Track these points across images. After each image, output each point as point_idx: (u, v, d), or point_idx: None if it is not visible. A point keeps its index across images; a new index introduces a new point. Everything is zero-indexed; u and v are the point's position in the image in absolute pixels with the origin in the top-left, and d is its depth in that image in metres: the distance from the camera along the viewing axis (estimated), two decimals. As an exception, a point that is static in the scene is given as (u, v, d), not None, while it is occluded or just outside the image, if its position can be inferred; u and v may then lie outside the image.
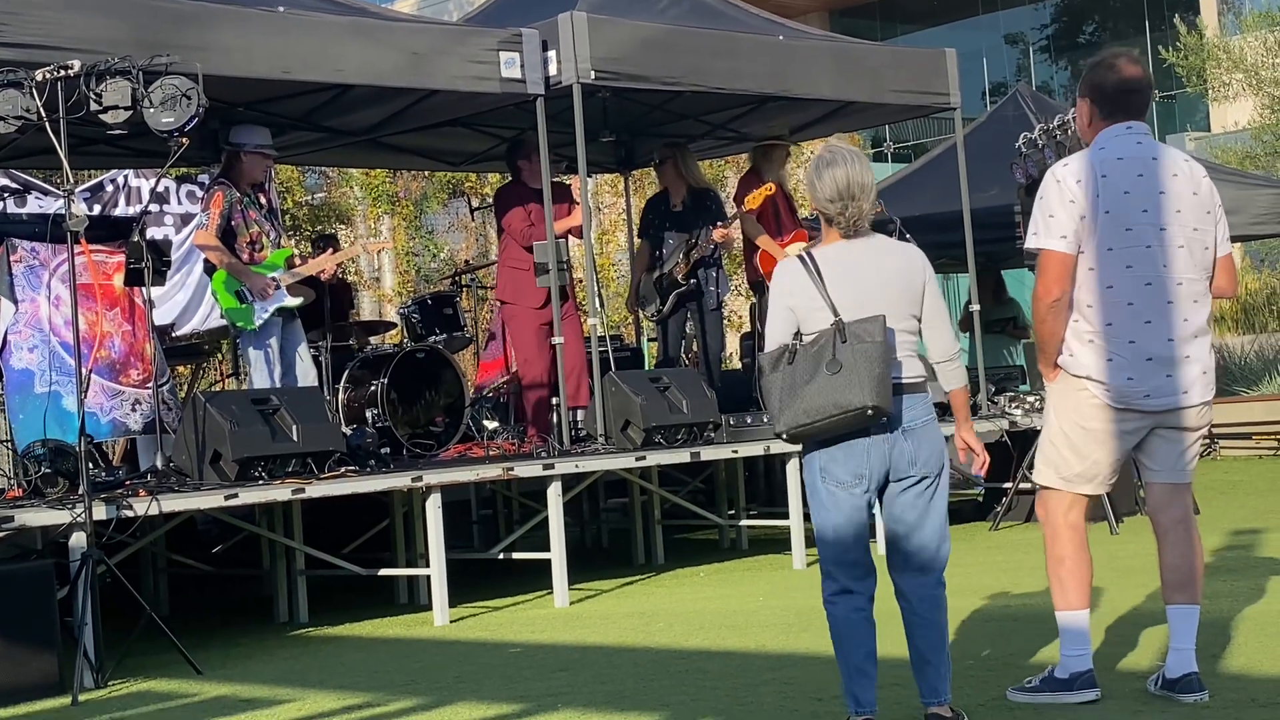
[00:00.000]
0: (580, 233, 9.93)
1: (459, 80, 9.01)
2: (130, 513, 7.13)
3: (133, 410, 8.86)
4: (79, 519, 6.81)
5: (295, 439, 7.91)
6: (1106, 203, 5.07)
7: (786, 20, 11.56)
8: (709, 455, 9.54)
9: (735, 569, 9.74)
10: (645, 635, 7.28)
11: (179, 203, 14.29)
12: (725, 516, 10.76)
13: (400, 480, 8.20)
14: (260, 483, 7.73)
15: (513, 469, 8.59)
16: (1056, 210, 5.09)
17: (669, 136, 11.76)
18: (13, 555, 7.08)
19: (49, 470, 7.47)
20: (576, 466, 8.83)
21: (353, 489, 8.01)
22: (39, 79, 6.92)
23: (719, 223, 10.66)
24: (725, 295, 11.24)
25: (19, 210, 12.25)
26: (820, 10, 33.24)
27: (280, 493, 7.70)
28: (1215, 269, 5.21)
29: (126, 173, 13.73)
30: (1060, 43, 33.84)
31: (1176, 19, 24.35)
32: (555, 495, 8.54)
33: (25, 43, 7.37)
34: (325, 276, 9.54)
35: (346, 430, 9.01)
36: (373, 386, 9.82)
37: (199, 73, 7.18)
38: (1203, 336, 5.17)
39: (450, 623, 8.01)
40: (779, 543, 10.31)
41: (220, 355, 13.02)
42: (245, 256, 8.91)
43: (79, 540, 6.83)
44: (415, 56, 8.79)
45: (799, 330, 4.74)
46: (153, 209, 13.67)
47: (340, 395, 9.84)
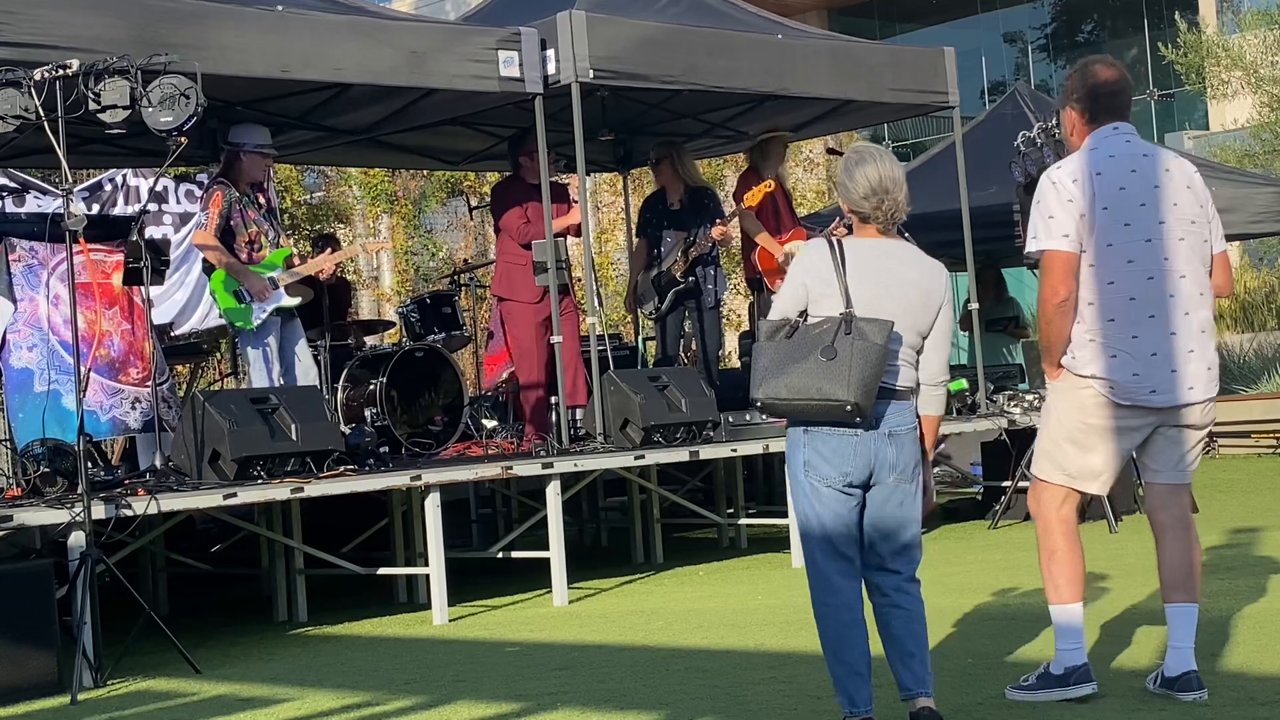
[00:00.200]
0: (577, 231, 9.93)
1: (457, 79, 9.01)
2: (129, 512, 7.13)
3: (132, 409, 8.86)
4: (78, 518, 6.81)
5: (294, 438, 7.91)
6: (1104, 199, 5.08)
7: (785, 19, 11.56)
8: (708, 454, 9.54)
9: (734, 568, 9.74)
10: (644, 634, 7.28)
11: (177, 202, 14.29)
12: (724, 515, 10.76)
13: (399, 479, 8.20)
14: (259, 482, 7.73)
15: (511, 468, 8.60)
16: (1055, 211, 5.09)
17: (667, 135, 11.76)
18: (12, 554, 7.09)
19: (48, 469, 7.47)
20: (575, 465, 8.83)
21: (351, 488, 8.01)
22: (37, 78, 6.92)
23: (717, 220, 10.66)
24: (723, 294, 11.23)
25: (17, 209, 12.24)
26: (819, 9, 33.23)
27: (279, 492, 7.70)
28: (1212, 265, 5.21)
29: (125, 172, 13.73)
30: (1059, 41, 33.82)
31: (1176, 17, 24.34)
32: (554, 494, 8.54)
33: (23, 42, 7.37)
34: (324, 276, 9.54)
35: (345, 429, 9.00)
36: (371, 386, 9.82)
37: (197, 72, 7.18)
38: (1207, 331, 5.16)
39: (449, 622, 8.01)
40: (778, 541, 10.32)
41: (219, 354, 13.03)
42: (244, 256, 8.91)
43: (78, 539, 6.83)
44: (414, 55, 8.79)
45: (806, 310, 4.74)
46: (151, 208, 13.68)
47: (339, 394, 9.83)
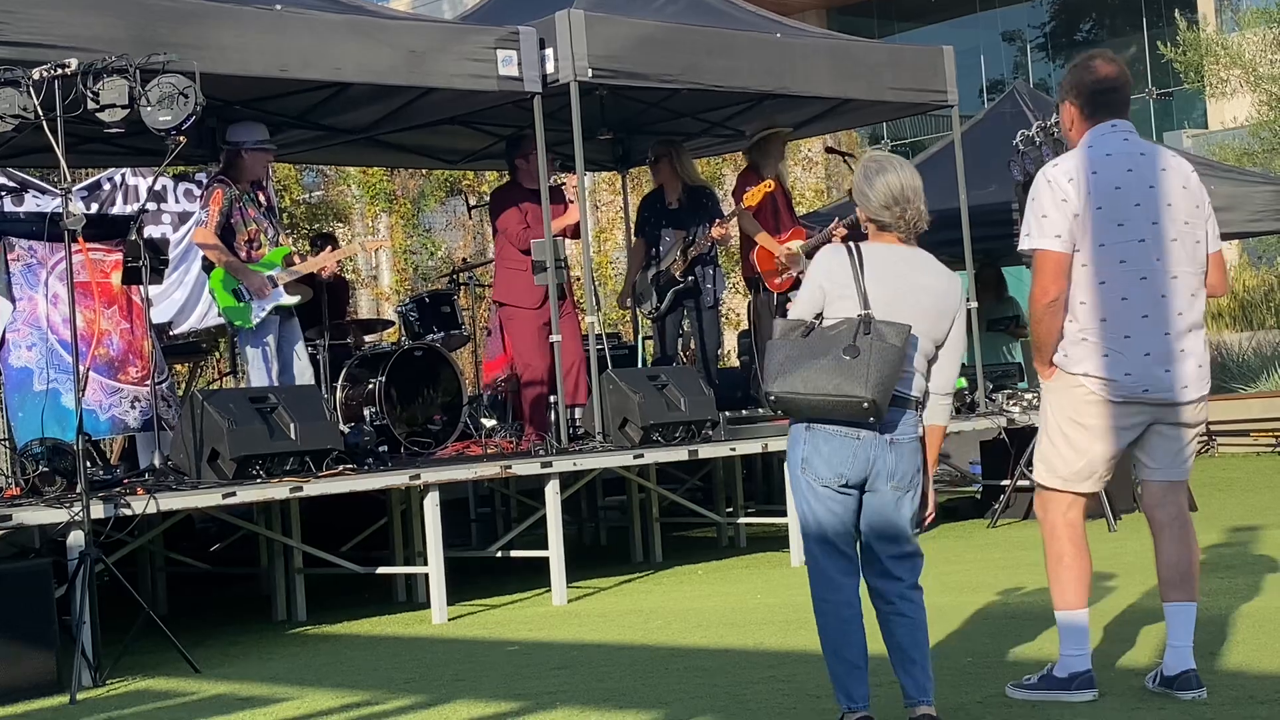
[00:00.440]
0: (575, 231, 9.93)
1: (456, 78, 9.01)
2: (128, 511, 7.13)
3: (131, 408, 8.86)
4: (77, 517, 6.80)
5: (293, 437, 7.92)
6: (1098, 199, 5.08)
7: (784, 18, 11.56)
8: (707, 453, 9.54)
9: (733, 567, 9.74)
10: (643, 633, 7.28)
11: (176, 201, 14.30)
12: (723, 514, 10.76)
13: (398, 478, 8.20)
14: (258, 481, 7.74)
15: (510, 467, 8.60)
16: (1049, 210, 5.09)
17: (666, 134, 11.76)
18: (11, 554, 7.09)
19: (47, 469, 7.47)
20: (574, 464, 8.83)
21: (350, 487, 8.01)
22: (36, 77, 6.92)
23: (716, 220, 10.66)
24: (722, 293, 11.24)
25: (16, 209, 12.25)
26: (818, 8, 33.22)
27: (278, 491, 7.70)
28: (1207, 266, 5.22)
29: (124, 171, 13.74)
30: (1058, 40, 33.82)
31: (1175, 15, 24.35)
32: (553, 493, 8.54)
33: (22, 41, 7.36)
34: (326, 273, 9.55)
35: (344, 428, 9.00)
36: (370, 385, 9.82)
37: (196, 71, 7.18)
38: (1197, 331, 5.17)
39: (448, 621, 8.01)
40: (777, 540, 10.32)
41: (218, 353, 13.03)
42: (243, 254, 8.91)
43: (77, 539, 6.83)
44: (412, 55, 8.79)
45: (821, 314, 4.74)
46: (150, 207, 13.69)
47: (338, 393, 9.83)
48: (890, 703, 4.95)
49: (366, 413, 9.72)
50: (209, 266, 9.04)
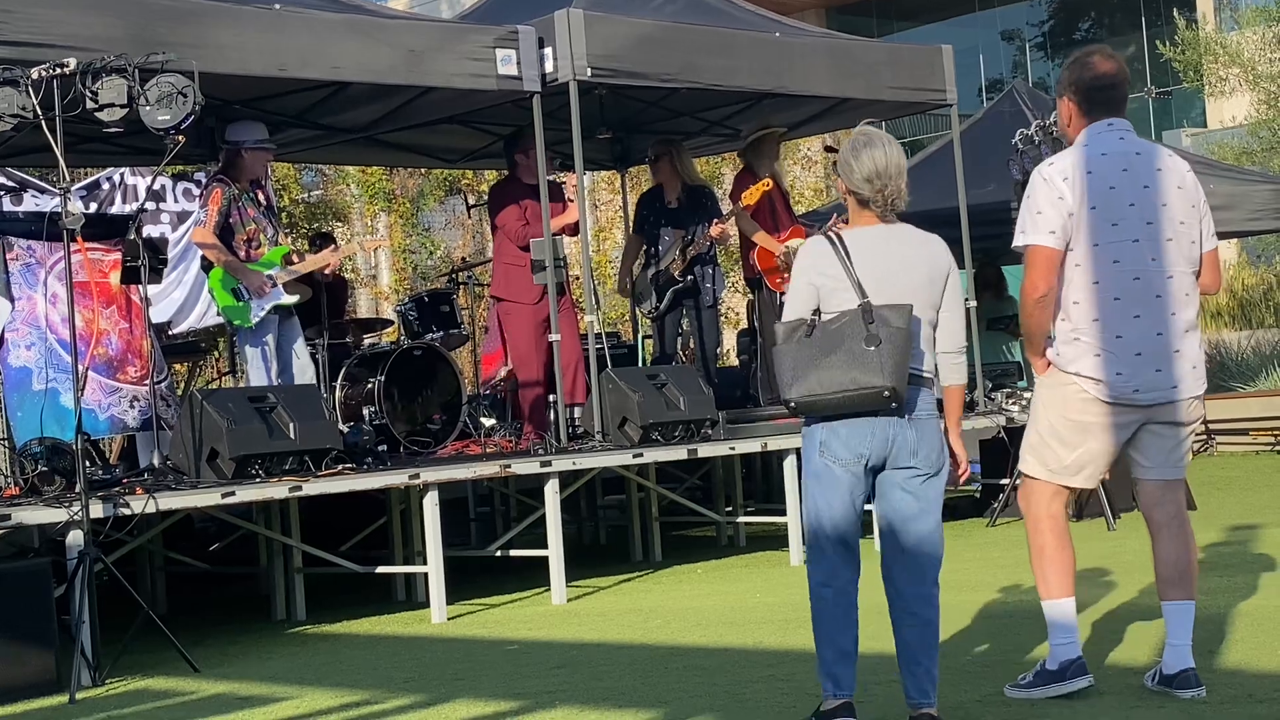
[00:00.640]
0: (574, 230, 9.93)
1: (455, 78, 9.01)
2: (127, 511, 7.13)
3: (130, 407, 8.85)
4: (76, 517, 6.80)
5: (292, 437, 7.91)
6: (1093, 199, 5.08)
7: (783, 17, 11.56)
8: (706, 452, 9.54)
9: (732, 566, 9.74)
10: (643, 632, 7.28)
11: (175, 200, 14.31)
12: (722, 513, 10.76)
13: (397, 478, 8.20)
14: (257, 480, 7.74)
15: (510, 466, 8.60)
16: (1044, 208, 5.10)
17: (665, 133, 11.76)
18: (10, 553, 7.08)
19: (46, 468, 7.47)
20: (574, 464, 8.83)
21: (350, 486, 8.01)
22: (35, 77, 6.92)
23: (715, 220, 10.67)
24: (721, 292, 11.24)
25: (15, 208, 12.25)
26: (817, 7, 33.21)
27: (277, 490, 7.70)
28: (1201, 264, 5.22)
29: (122, 170, 13.74)
30: (1057, 39, 33.81)
31: (1174, 14, 24.34)
32: (552, 492, 8.54)
33: (21, 40, 7.36)
34: (329, 270, 9.55)
35: (343, 428, 9.00)
36: (370, 384, 9.82)
37: (195, 70, 7.18)
38: (1192, 331, 5.17)
39: (448, 620, 8.01)
40: (776, 539, 10.32)
41: (217, 353, 13.03)
42: (242, 254, 8.91)
43: (76, 538, 6.83)
44: (411, 54, 8.79)
45: (818, 308, 4.74)
46: (149, 207, 13.69)
47: (337, 393, 9.83)
48: (890, 701, 4.95)
49: (366, 412, 9.72)
50: (208, 266, 9.04)
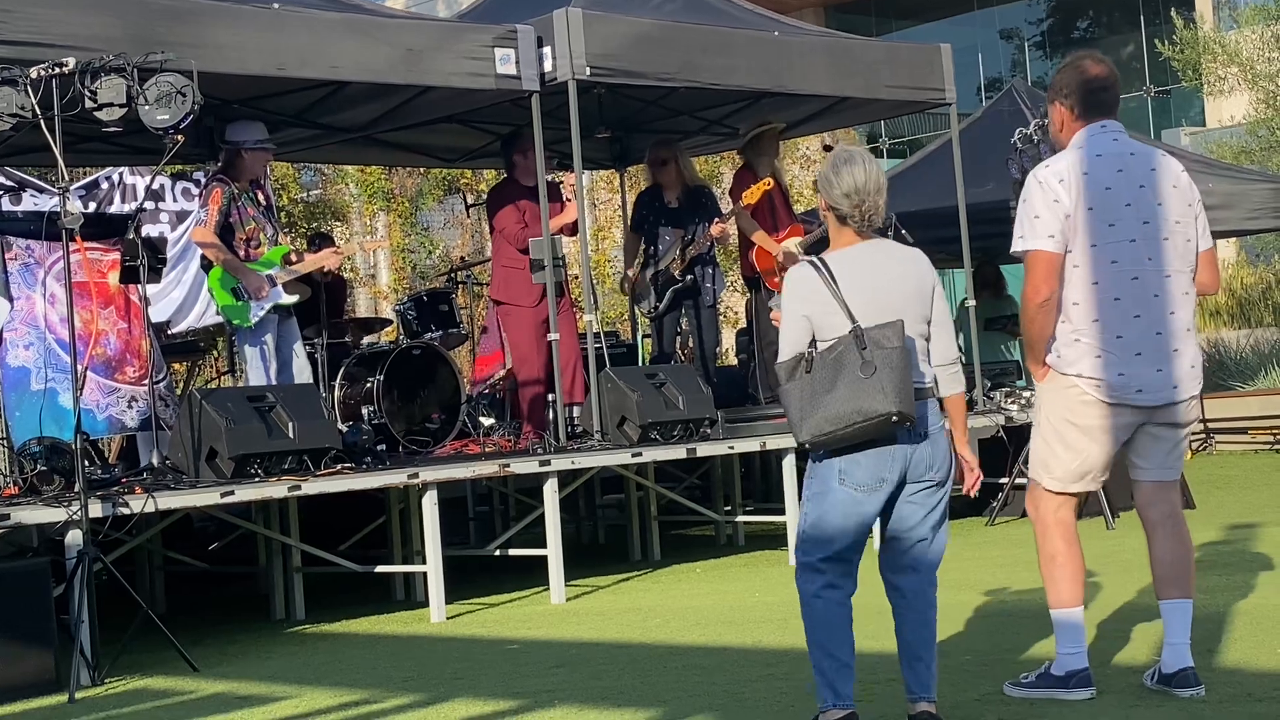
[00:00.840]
0: (573, 229, 9.94)
1: (454, 77, 9.01)
2: (126, 510, 7.13)
3: (128, 407, 8.85)
4: (75, 516, 6.80)
5: (291, 436, 7.92)
6: (1089, 200, 5.09)
7: (781, 16, 11.56)
8: (705, 451, 9.54)
9: (731, 565, 9.74)
10: (642, 631, 7.28)
11: (174, 200, 14.30)
12: (721, 512, 10.77)
13: (396, 477, 8.20)
14: (256, 480, 7.74)
15: (509, 466, 8.60)
16: (1041, 211, 5.10)
17: (664, 132, 11.76)
18: (9, 553, 7.07)
19: (45, 468, 7.47)
20: (573, 463, 8.83)
21: (349, 486, 8.01)
22: (34, 76, 6.92)
23: (716, 220, 10.67)
24: (721, 292, 11.24)
25: (14, 208, 12.23)
26: (815, 6, 33.20)
27: (276, 490, 7.70)
28: (1197, 264, 5.22)
29: (121, 170, 13.73)
30: (1055, 38, 33.81)
31: (1172, 13, 24.35)
32: (551, 492, 8.54)
33: (20, 40, 7.37)
34: (331, 266, 9.55)
35: (342, 427, 9.01)
36: (369, 383, 9.82)
37: (194, 70, 7.18)
38: (1190, 330, 5.18)
39: (447, 619, 8.01)
40: (775, 539, 10.32)
41: (216, 352, 13.01)
42: (241, 253, 8.91)
43: (75, 538, 6.83)
44: (410, 53, 8.79)
45: (814, 338, 4.73)
46: (148, 206, 13.68)
47: (336, 392, 9.83)
48: (891, 700, 4.95)
49: (365, 411, 9.72)
50: (207, 265, 9.04)
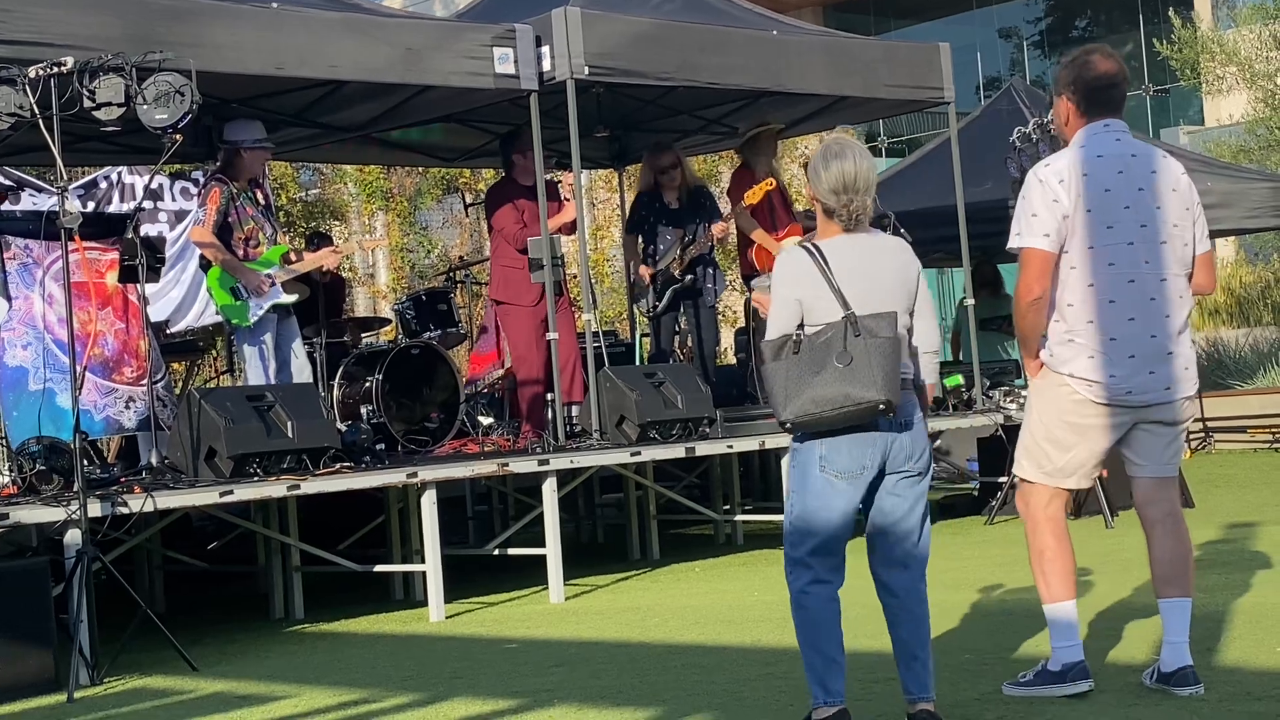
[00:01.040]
0: (571, 229, 9.94)
1: (453, 76, 9.01)
2: (125, 510, 7.13)
3: (126, 408, 8.85)
4: (74, 516, 6.80)
5: (290, 435, 7.92)
6: (1088, 201, 5.08)
7: (780, 15, 11.57)
8: (704, 450, 9.54)
9: (730, 564, 9.74)
10: (641, 630, 7.28)
11: (173, 199, 14.30)
12: (720, 512, 10.77)
13: (395, 476, 8.20)
14: (255, 479, 7.74)
15: (508, 465, 8.60)
16: (1040, 210, 5.10)
17: (662, 132, 11.76)
18: (8, 553, 7.07)
19: (44, 467, 7.46)
20: (571, 462, 8.83)
21: (348, 485, 8.01)
22: (32, 76, 6.92)
23: (715, 219, 10.69)
24: (722, 292, 11.25)
25: (13, 207, 12.23)
26: (814, 5, 33.19)
27: (275, 489, 7.70)
28: (1194, 266, 5.22)
29: (120, 169, 13.73)
30: (1054, 37, 33.80)
31: (1171, 12, 24.35)
32: (550, 491, 8.54)
33: (18, 39, 7.37)
34: (331, 265, 9.55)
35: (341, 426, 9.00)
36: (367, 383, 9.81)
37: (192, 69, 7.18)
38: (1184, 333, 5.19)
39: (446, 619, 8.01)
40: (774, 538, 10.30)
41: (215, 352, 13.01)
42: (240, 252, 8.91)
43: (74, 537, 6.83)
44: (409, 52, 8.79)
45: (802, 321, 4.73)
46: (146, 205, 13.68)
47: (335, 391, 9.83)
48: (891, 700, 4.95)
49: (364, 411, 9.72)
50: (206, 265, 9.04)
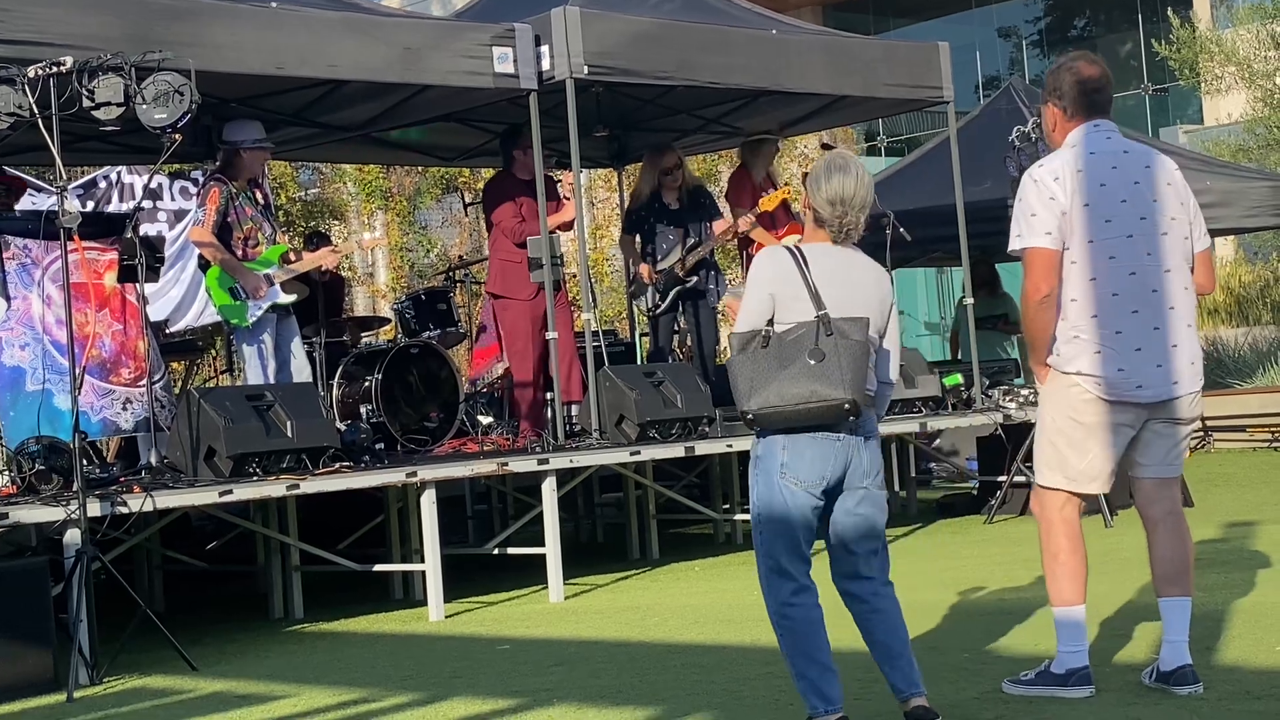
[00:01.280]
0: (570, 227, 9.94)
1: (452, 75, 9.01)
2: (125, 509, 7.13)
3: (123, 409, 8.83)
4: (73, 516, 6.80)
5: (290, 435, 7.92)
6: (1085, 196, 5.09)
7: (779, 14, 11.57)
8: (703, 449, 9.54)
9: (730, 563, 9.74)
10: (640, 630, 7.28)
11: (172, 199, 14.30)
12: (720, 511, 10.77)
13: (395, 476, 8.20)
14: (255, 479, 7.74)
15: (507, 464, 8.60)
16: (1038, 208, 5.11)
17: (662, 131, 11.76)
18: (7, 552, 7.07)
19: (43, 467, 7.46)
20: (571, 461, 8.83)
21: (347, 485, 8.01)
22: (31, 75, 6.92)
23: (716, 218, 10.71)
24: (724, 293, 11.25)
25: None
26: (813, 4, 33.18)
27: (275, 489, 7.70)
28: (1194, 261, 5.23)
29: (119, 169, 13.73)
30: (1053, 36, 33.80)
31: (1169, 12, 24.35)
32: (550, 490, 8.54)
33: (18, 39, 7.36)
34: (330, 264, 9.55)
35: (341, 426, 9.00)
36: (367, 382, 9.81)
37: (191, 69, 7.18)
38: (1189, 326, 5.18)
39: (445, 618, 8.01)
40: (774, 537, 10.30)
41: (214, 352, 13.01)
42: (239, 252, 8.90)
43: (74, 537, 6.83)
44: (408, 52, 8.79)
45: (772, 319, 4.73)
46: (146, 205, 13.68)
47: (334, 391, 9.82)
48: (887, 698, 4.95)
49: (363, 410, 9.72)
50: (205, 264, 9.04)
